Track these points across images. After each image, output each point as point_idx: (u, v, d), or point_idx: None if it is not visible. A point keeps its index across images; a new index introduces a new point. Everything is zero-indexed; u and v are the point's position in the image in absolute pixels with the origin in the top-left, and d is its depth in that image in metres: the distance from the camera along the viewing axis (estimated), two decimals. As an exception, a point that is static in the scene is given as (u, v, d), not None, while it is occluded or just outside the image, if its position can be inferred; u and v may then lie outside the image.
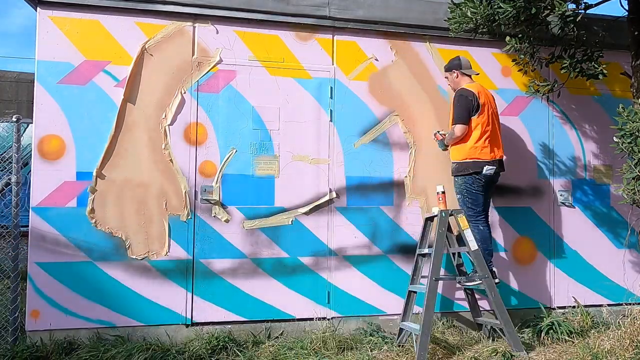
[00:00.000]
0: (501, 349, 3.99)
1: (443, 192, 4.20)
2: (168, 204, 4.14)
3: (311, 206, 4.37)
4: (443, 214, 4.09)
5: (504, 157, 4.35)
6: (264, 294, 4.28)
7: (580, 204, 4.98)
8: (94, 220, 3.99)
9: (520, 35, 4.33)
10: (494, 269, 4.23)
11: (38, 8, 3.99)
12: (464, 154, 4.17)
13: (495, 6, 4.08)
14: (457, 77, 4.32)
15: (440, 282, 4.42)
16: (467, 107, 4.10)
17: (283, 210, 4.33)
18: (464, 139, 4.16)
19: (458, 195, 4.27)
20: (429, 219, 4.34)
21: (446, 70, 4.43)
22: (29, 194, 3.93)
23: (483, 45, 4.79)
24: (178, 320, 4.12)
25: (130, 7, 4.10)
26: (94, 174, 4.01)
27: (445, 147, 4.40)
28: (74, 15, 4.05)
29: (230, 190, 4.26)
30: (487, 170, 4.09)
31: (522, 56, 4.52)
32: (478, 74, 4.48)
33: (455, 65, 4.34)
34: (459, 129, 4.13)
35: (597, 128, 5.03)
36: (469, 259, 4.24)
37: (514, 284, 4.78)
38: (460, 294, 4.59)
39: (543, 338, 4.28)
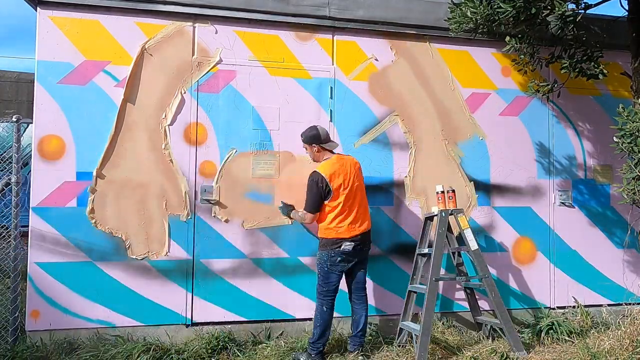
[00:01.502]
0: (500, 348, 4.00)
1: (442, 192, 4.20)
2: (168, 204, 4.14)
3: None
4: (443, 213, 4.09)
5: (368, 228, 3.92)
6: (264, 294, 4.28)
7: (580, 204, 4.98)
8: (94, 221, 3.99)
9: (520, 35, 4.33)
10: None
11: (38, 8, 3.99)
12: (321, 233, 3.91)
13: (495, 6, 4.08)
14: (318, 151, 3.93)
15: (440, 282, 4.43)
16: (318, 194, 3.78)
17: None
18: (319, 219, 3.89)
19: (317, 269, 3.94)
20: (429, 219, 4.34)
21: (303, 142, 3.96)
22: (29, 194, 3.93)
23: (483, 45, 4.79)
24: (178, 320, 4.12)
25: (130, 7, 4.10)
26: (94, 174, 4.01)
27: (287, 214, 4.08)
28: (74, 15, 4.05)
29: (230, 190, 4.26)
30: (346, 246, 3.79)
31: (522, 56, 4.52)
32: (338, 146, 4.08)
33: (314, 139, 3.90)
34: (309, 218, 3.87)
35: (597, 128, 5.03)
36: (469, 258, 4.25)
37: (514, 284, 4.78)
38: (460, 294, 4.59)
39: (543, 338, 4.29)
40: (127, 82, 4.09)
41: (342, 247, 3.79)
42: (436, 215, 4.14)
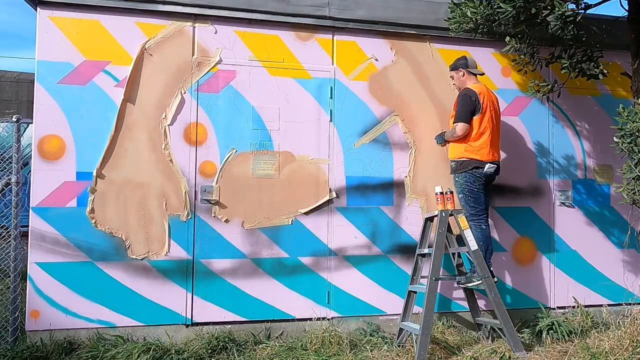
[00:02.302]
0: (500, 349, 3.99)
1: (442, 193, 4.19)
2: (168, 204, 4.14)
3: (311, 206, 4.37)
4: (443, 213, 4.09)
5: (501, 159, 4.41)
6: (264, 294, 4.28)
7: (580, 204, 4.98)
8: (94, 221, 3.99)
9: (520, 36, 4.33)
10: (492, 268, 4.23)
11: (38, 8, 3.99)
12: (461, 153, 4.21)
13: (495, 6, 4.08)
14: (463, 76, 4.34)
15: (440, 282, 4.42)
16: (470, 106, 4.14)
17: (283, 210, 4.34)
18: (464, 138, 4.19)
19: (460, 195, 4.28)
20: (429, 219, 4.34)
21: (452, 69, 4.44)
22: (29, 194, 3.93)
23: (483, 45, 4.79)
24: (178, 320, 4.12)
25: (131, 7, 4.10)
26: (94, 174, 4.01)
27: (443, 142, 4.42)
28: (74, 15, 4.05)
29: (230, 190, 4.26)
30: (488, 168, 4.14)
31: (522, 56, 4.52)
32: (484, 74, 4.51)
33: (461, 64, 4.36)
34: (460, 127, 4.14)
35: (597, 128, 5.03)
36: (468, 259, 4.25)
37: (514, 284, 4.78)
38: (460, 293, 4.59)
39: (543, 338, 4.28)
40: (127, 82, 4.09)
41: (485, 169, 4.12)
42: (436, 215, 4.15)
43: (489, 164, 4.13)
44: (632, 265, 5.06)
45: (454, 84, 4.48)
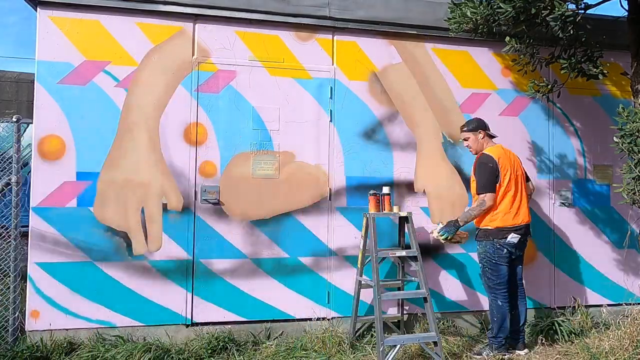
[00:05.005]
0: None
1: (374, 194, 4.16)
2: (168, 204, 4.14)
3: (311, 206, 4.37)
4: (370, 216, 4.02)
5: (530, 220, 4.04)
6: (264, 294, 4.28)
7: (580, 204, 4.98)
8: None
9: (519, 36, 4.33)
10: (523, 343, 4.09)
11: (38, 8, 4.00)
12: (485, 221, 3.94)
13: (495, 6, 4.08)
14: (482, 138, 4.06)
15: (440, 282, 4.42)
16: (493, 174, 3.88)
17: (283, 210, 4.34)
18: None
19: (479, 264, 4.07)
20: (404, 219, 4.28)
21: (469, 130, 4.09)
22: (29, 194, 3.93)
23: (483, 45, 4.80)
24: (178, 320, 4.12)
25: (131, 7, 4.10)
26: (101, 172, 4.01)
27: (454, 231, 3.91)
28: (74, 16, 4.05)
29: (230, 190, 4.25)
30: (511, 238, 3.87)
31: (522, 56, 4.52)
32: (497, 136, 4.21)
33: (482, 126, 4.08)
34: (489, 197, 3.86)
35: (597, 128, 5.03)
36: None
37: (513, 284, 4.77)
38: (460, 294, 4.59)
39: (543, 338, 4.28)
40: (127, 82, 4.09)
41: (508, 239, 3.85)
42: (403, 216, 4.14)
43: (512, 234, 3.85)
44: (632, 265, 5.06)
45: (467, 145, 4.14)
